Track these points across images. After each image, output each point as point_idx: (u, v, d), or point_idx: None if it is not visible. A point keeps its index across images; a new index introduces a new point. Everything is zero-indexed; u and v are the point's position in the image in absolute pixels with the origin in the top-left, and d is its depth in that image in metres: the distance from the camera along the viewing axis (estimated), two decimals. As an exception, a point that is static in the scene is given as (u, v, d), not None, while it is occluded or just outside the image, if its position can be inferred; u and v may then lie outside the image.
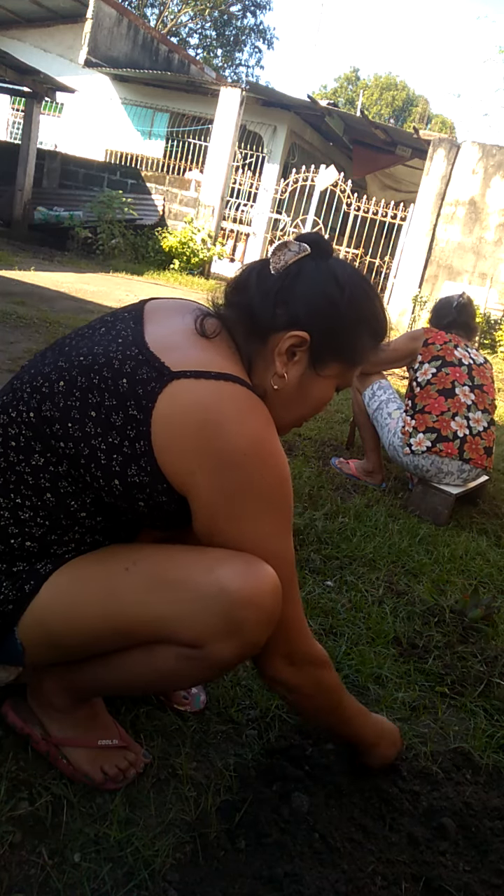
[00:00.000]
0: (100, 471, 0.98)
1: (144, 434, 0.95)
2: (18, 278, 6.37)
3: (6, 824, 1.01)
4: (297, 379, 1.06)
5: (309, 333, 1.03)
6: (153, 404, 0.94)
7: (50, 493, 1.01)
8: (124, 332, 1.03)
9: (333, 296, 1.04)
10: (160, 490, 0.98)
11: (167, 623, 0.98)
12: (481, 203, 9.79)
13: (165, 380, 0.95)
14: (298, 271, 1.04)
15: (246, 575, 0.96)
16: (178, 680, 1.06)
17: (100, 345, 1.02)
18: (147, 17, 26.31)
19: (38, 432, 1.00)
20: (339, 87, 40.03)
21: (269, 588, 0.97)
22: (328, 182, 10.31)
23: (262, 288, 1.04)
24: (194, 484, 0.96)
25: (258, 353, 1.05)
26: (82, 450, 0.98)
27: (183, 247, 9.91)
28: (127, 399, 0.95)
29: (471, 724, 1.50)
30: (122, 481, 0.98)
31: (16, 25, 12.66)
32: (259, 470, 0.96)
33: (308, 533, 2.24)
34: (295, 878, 1.02)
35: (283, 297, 1.03)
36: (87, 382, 0.98)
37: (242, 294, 1.06)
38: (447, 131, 31.71)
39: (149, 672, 1.04)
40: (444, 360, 2.78)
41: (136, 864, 1.00)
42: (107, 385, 0.97)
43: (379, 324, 1.10)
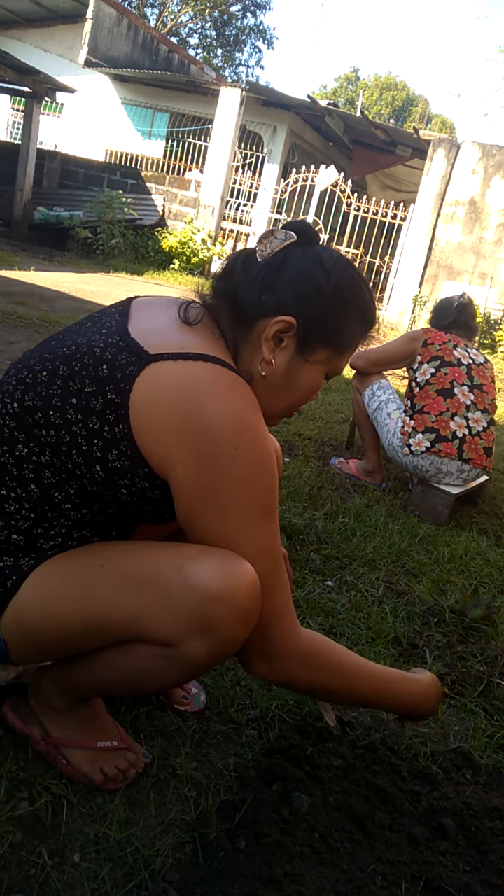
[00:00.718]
0: (81, 457, 0.98)
1: (123, 417, 0.95)
2: (18, 278, 6.37)
3: (6, 824, 1.01)
4: (284, 365, 1.06)
5: (295, 318, 1.03)
6: (131, 387, 0.94)
7: (34, 484, 1.01)
8: (109, 323, 1.03)
9: (319, 281, 1.04)
10: (141, 475, 0.98)
11: (139, 621, 0.96)
12: (481, 203, 9.79)
13: (143, 363, 0.95)
14: (284, 258, 1.04)
15: (219, 571, 0.93)
16: (156, 680, 1.03)
17: (84, 336, 1.02)
18: (147, 17, 26.32)
19: (21, 422, 1.00)
20: (339, 87, 40.03)
21: (245, 585, 0.94)
22: (328, 182, 10.31)
23: (248, 275, 1.04)
24: (173, 465, 0.94)
25: (245, 339, 1.05)
26: (63, 437, 0.98)
27: (183, 247, 9.91)
28: (106, 384, 0.95)
29: (471, 724, 1.50)
30: (104, 467, 0.98)
31: (16, 25, 12.67)
32: (238, 447, 0.93)
33: (308, 533, 2.24)
34: (295, 878, 1.02)
35: (269, 284, 1.03)
36: (68, 370, 0.98)
37: (228, 281, 1.07)
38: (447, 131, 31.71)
39: (127, 672, 1.02)
40: (442, 360, 2.78)
41: (136, 864, 1.00)
42: (87, 372, 0.97)
43: (367, 308, 1.10)
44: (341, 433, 3.62)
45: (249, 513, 0.97)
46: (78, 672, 1.08)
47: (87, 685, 1.09)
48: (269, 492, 0.99)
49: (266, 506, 0.99)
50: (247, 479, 0.95)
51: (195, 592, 0.93)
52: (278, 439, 3.29)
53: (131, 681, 1.04)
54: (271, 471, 0.98)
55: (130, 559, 1.00)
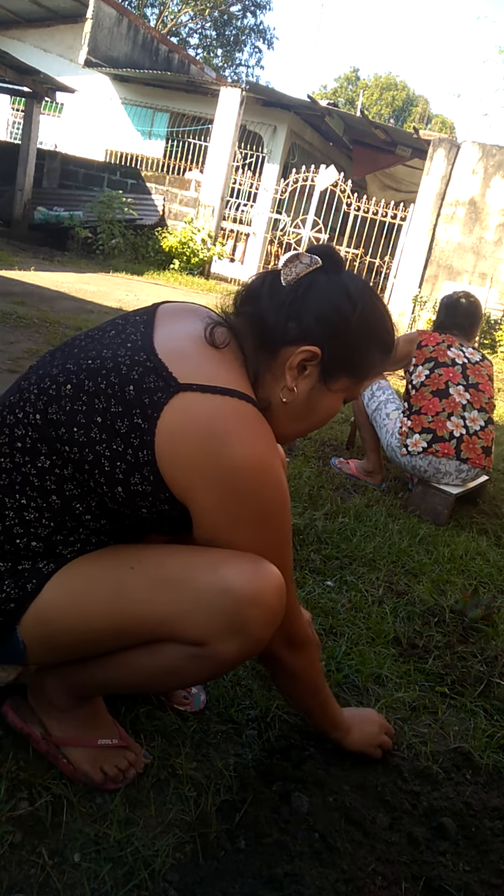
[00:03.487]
0: (103, 477, 0.98)
1: (148, 444, 0.95)
2: (18, 278, 6.37)
3: (6, 824, 1.01)
4: (306, 393, 1.07)
5: (320, 348, 1.03)
6: (158, 414, 0.94)
7: (55, 496, 1.02)
8: (134, 335, 1.03)
9: (345, 311, 1.04)
10: (162, 499, 0.99)
11: (172, 622, 0.98)
12: (481, 203, 9.79)
13: (172, 391, 0.95)
14: (310, 284, 1.04)
15: (251, 574, 0.97)
16: (181, 678, 1.06)
17: (109, 348, 1.02)
18: (147, 17, 26.31)
19: (43, 435, 1.00)
20: (339, 87, 40.02)
21: (274, 587, 0.98)
22: (328, 182, 10.31)
23: (274, 300, 1.05)
24: (195, 497, 0.97)
25: (268, 366, 1.05)
26: (87, 455, 0.98)
27: (183, 247, 9.91)
28: (133, 407, 0.96)
29: (471, 724, 1.50)
30: (125, 489, 0.99)
31: (16, 25, 12.66)
32: (260, 489, 0.97)
33: (308, 533, 2.24)
34: (295, 878, 1.02)
35: (295, 311, 1.03)
36: (94, 387, 0.98)
37: (254, 305, 1.07)
38: (447, 131, 31.71)
39: (152, 670, 1.04)
40: (436, 361, 2.78)
41: (136, 864, 1.00)
42: (113, 391, 0.97)
43: (389, 338, 1.11)
44: (341, 433, 3.62)
45: (267, 543, 1.02)
46: (90, 671, 1.08)
47: (98, 683, 1.10)
48: (286, 525, 1.05)
49: (284, 536, 1.06)
50: (266, 514, 1.00)
51: (229, 594, 0.96)
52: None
53: (155, 679, 1.06)
54: (287, 510, 1.04)
55: (163, 562, 1.01)
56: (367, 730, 1.29)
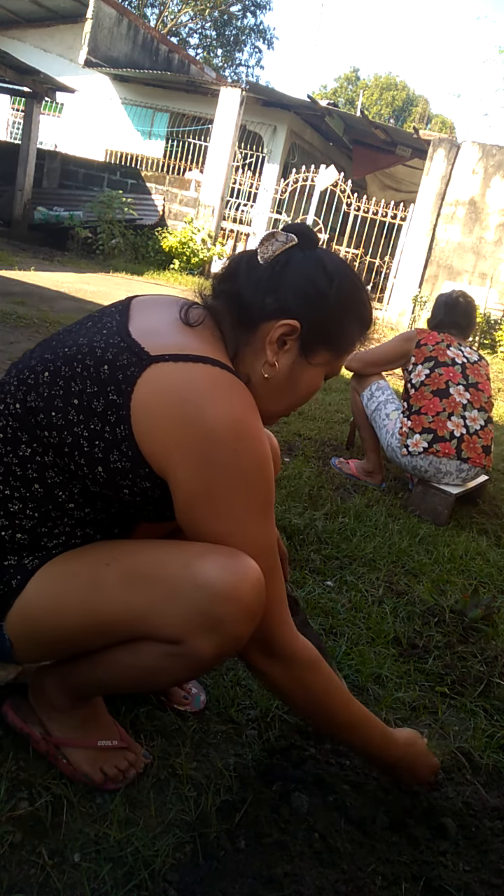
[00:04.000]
0: (83, 458, 0.98)
1: (124, 418, 0.95)
2: (18, 278, 6.37)
3: (6, 824, 1.01)
4: (287, 367, 1.07)
5: (299, 322, 1.04)
6: (132, 388, 0.94)
7: (38, 484, 1.02)
8: (109, 323, 1.04)
9: (322, 284, 1.05)
10: (142, 475, 0.98)
11: (146, 619, 0.97)
12: (481, 203, 9.79)
13: (144, 364, 0.95)
14: (287, 261, 1.05)
15: (226, 569, 0.94)
16: (163, 677, 1.04)
17: (85, 336, 1.02)
18: (147, 17, 26.31)
19: (23, 423, 1.00)
20: (339, 87, 40.02)
21: (250, 582, 0.95)
22: (328, 182, 10.31)
23: (251, 277, 1.05)
24: (173, 466, 0.95)
25: (247, 342, 1.05)
26: (65, 438, 0.98)
27: (183, 247, 9.91)
28: (107, 385, 0.96)
29: (471, 724, 1.50)
30: (105, 468, 0.98)
31: (16, 25, 12.66)
32: (237, 450, 0.94)
33: (308, 533, 2.24)
34: (295, 878, 1.02)
35: (272, 286, 1.04)
36: (70, 371, 0.99)
37: (231, 283, 1.07)
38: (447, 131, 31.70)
39: (134, 669, 1.03)
40: (436, 360, 2.78)
41: (136, 864, 1.00)
42: (89, 373, 0.97)
43: (366, 311, 1.12)
44: (341, 433, 3.62)
45: (248, 513, 0.98)
46: (82, 670, 1.08)
47: (91, 683, 1.10)
48: (267, 492, 1.00)
49: (264, 505, 1.00)
50: (246, 481, 0.96)
51: (202, 590, 0.93)
52: (278, 439, 3.29)
53: (137, 678, 1.05)
54: (269, 471, 0.99)
55: (137, 557, 1.00)
56: (419, 764, 1.20)
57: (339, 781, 1.23)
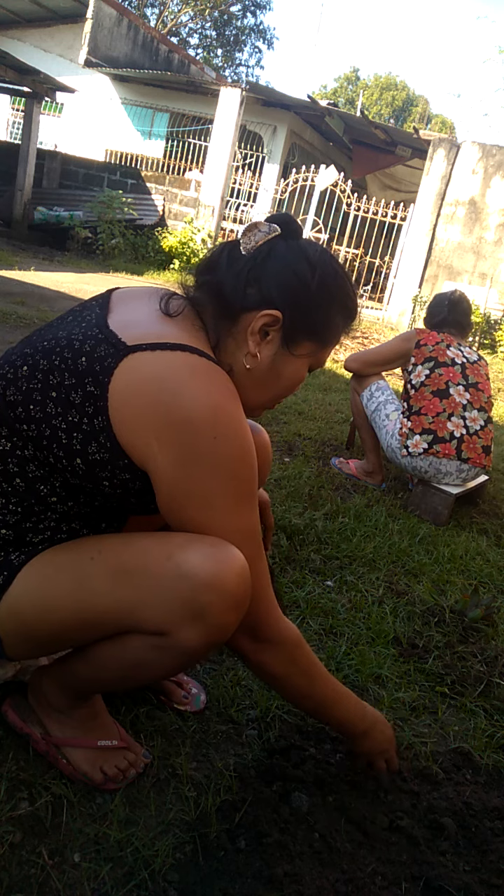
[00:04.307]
0: (61, 450, 0.98)
1: (102, 409, 0.95)
2: (18, 278, 6.38)
3: (6, 824, 1.01)
4: (269, 358, 1.06)
5: (281, 312, 1.03)
6: (109, 379, 0.94)
7: (19, 479, 1.02)
8: (89, 316, 1.03)
9: (305, 275, 1.04)
10: (121, 466, 0.98)
11: (132, 612, 0.96)
12: (481, 203, 9.79)
13: (121, 354, 0.95)
14: (269, 251, 1.04)
15: (208, 558, 0.94)
16: (152, 670, 1.03)
17: (64, 329, 1.02)
18: (147, 17, 26.31)
19: (3, 417, 1.00)
20: (339, 87, 40.02)
21: (234, 571, 0.94)
22: (328, 182, 10.31)
23: (233, 268, 1.04)
24: (152, 456, 0.94)
25: (229, 332, 1.04)
26: (44, 430, 0.98)
27: (183, 247, 9.91)
28: (85, 376, 0.95)
29: (471, 724, 1.50)
30: (84, 460, 0.98)
31: (16, 25, 12.67)
32: (217, 437, 0.93)
33: (308, 533, 2.24)
34: (295, 878, 1.02)
35: (254, 276, 1.03)
36: (48, 364, 0.98)
37: (212, 274, 1.06)
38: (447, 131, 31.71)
39: (122, 663, 1.03)
40: (436, 360, 2.77)
41: (136, 864, 1.00)
42: (66, 365, 0.97)
43: (350, 302, 1.11)
44: (341, 433, 3.62)
45: (230, 500, 0.98)
46: (76, 668, 1.08)
47: (85, 681, 1.09)
48: (249, 479, 0.99)
49: (247, 493, 0.99)
50: (227, 468, 0.96)
51: (186, 580, 0.93)
52: (278, 439, 3.29)
53: (127, 673, 1.04)
54: (251, 458, 0.99)
55: (121, 550, 1.00)
56: (381, 735, 1.23)
57: (339, 781, 1.23)
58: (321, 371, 5.36)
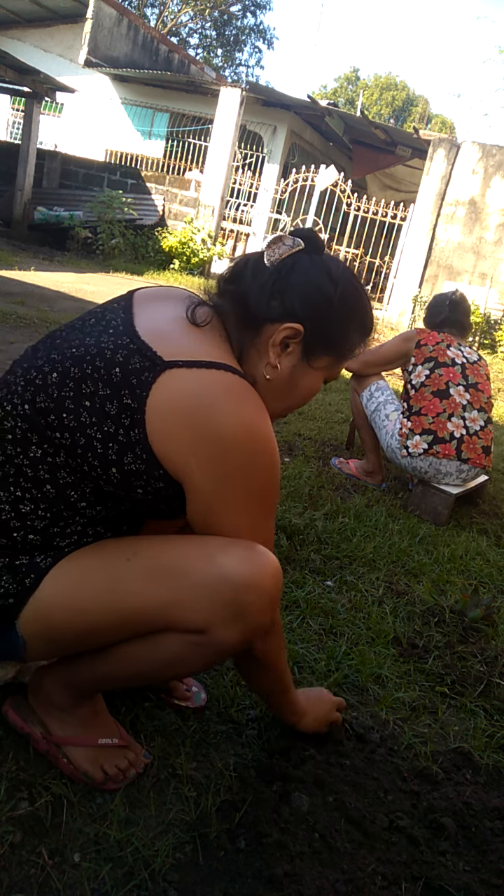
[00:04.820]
0: (97, 460, 0.99)
1: (139, 422, 0.96)
2: (18, 278, 6.38)
3: (6, 824, 1.01)
4: (289, 370, 1.09)
5: (303, 325, 1.05)
6: (147, 393, 0.96)
7: (49, 485, 1.02)
8: (114, 321, 1.04)
9: (327, 290, 1.07)
10: (157, 476, 1.00)
11: (171, 611, 0.99)
12: (481, 203, 9.79)
13: (159, 369, 0.96)
14: (293, 265, 1.06)
15: (248, 561, 0.99)
16: (183, 666, 1.07)
17: (91, 335, 1.03)
18: (147, 17, 26.31)
19: (33, 424, 1.00)
20: (339, 87, 40.02)
21: (271, 572, 1.00)
22: (328, 182, 10.31)
23: (257, 279, 1.06)
24: (189, 470, 0.98)
25: (251, 343, 1.07)
26: (78, 439, 0.99)
27: (183, 247, 9.91)
28: (121, 388, 0.97)
29: (471, 724, 1.50)
30: (119, 469, 0.99)
31: (16, 25, 12.67)
32: (252, 456, 0.99)
33: (308, 533, 2.24)
34: (295, 878, 1.02)
35: (278, 289, 1.05)
36: (79, 373, 0.99)
37: (237, 284, 1.08)
38: (447, 131, 31.71)
39: (154, 661, 1.04)
40: (436, 361, 2.77)
41: (136, 864, 1.00)
42: (100, 375, 0.98)
43: (367, 319, 1.14)
44: (341, 433, 3.62)
45: (260, 512, 1.04)
46: (87, 667, 1.09)
47: (97, 679, 1.10)
48: (276, 493, 1.06)
49: (272, 505, 1.08)
50: (259, 482, 1.01)
51: (228, 581, 0.97)
52: (279, 439, 3.29)
53: (156, 670, 1.07)
54: (278, 473, 1.05)
55: (159, 552, 1.03)
56: (319, 711, 1.30)
57: (339, 781, 1.23)
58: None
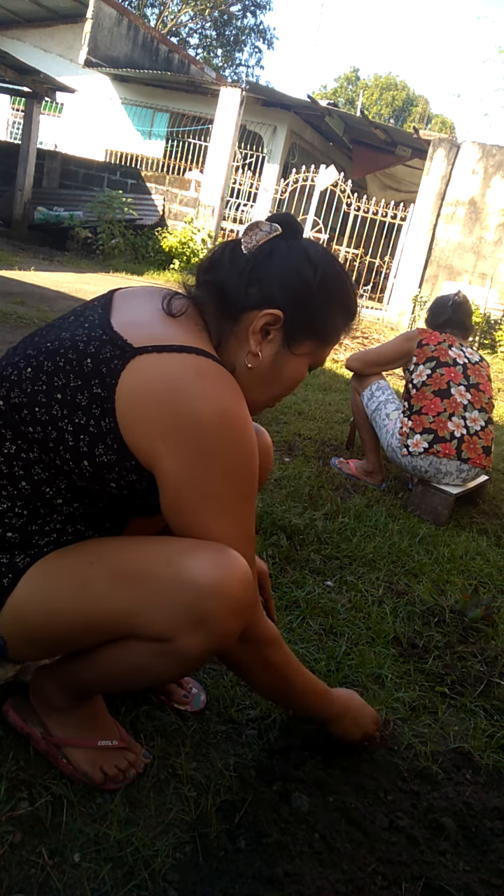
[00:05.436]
0: (68, 452, 0.98)
1: (109, 411, 0.95)
2: (18, 278, 6.38)
3: (6, 824, 1.01)
4: (270, 357, 1.06)
5: (283, 311, 1.03)
6: (116, 381, 0.94)
7: (24, 482, 1.01)
8: (91, 317, 1.03)
9: (306, 274, 1.04)
10: (128, 468, 0.98)
11: (133, 618, 0.96)
12: (481, 203, 9.79)
13: (128, 356, 0.95)
14: (271, 250, 1.04)
15: (212, 564, 0.94)
16: (153, 675, 1.03)
17: (67, 331, 1.02)
18: (147, 17, 26.31)
19: (7, 420, 1.00)
20: (339, 87, 40.03)
21: (237, 577, 0.94)
22: (328, 182, 10.31)
23: (234, 267, 1.04)
24: (160, 457, 0.95)
25: (230, 331, 1.05)
26: (50, 433, 0.98)
27: (183, 247, 9.91)
28: (91, 378, 0.95)
29: (471, 724, 1.50)
30: (91, 462, 0.98)
31: (16, 25, 12.67)
32: (225, 439, 0.94)
33: (308, 533, 2.24)
34: (295, 878, 1.02)
35: (256, 276, 1.03)
36: (52, 366, 0.98)
37: (214, 273, 1.07)
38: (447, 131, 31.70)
39: (123, 667, 1.02)
40: (438, 360, 2.77)
41: (136, 864, 1.00)
42: (72, 366, 0.97)
43: (350, 302, 1.11)
44: (341, 433, 3.62)
45: (234, 501, 0.98)
46: (77, 669, 1.08)
47: (86, 682, 1.09)
48: (252, 481, 1.00)
49: (249, 494, 1.01)
50: (233, 470, 0.96)
51: (188, 587, 0.93)
52: (279, 439, 3.29)
53: (128, 677, 1.04)
54: (255, 460, 0.99)
55: (122, 555, 1.00)
56: (360, 717, 1.26)
57: (339, 781, 1.23)
58: (321, 371, 5.36)
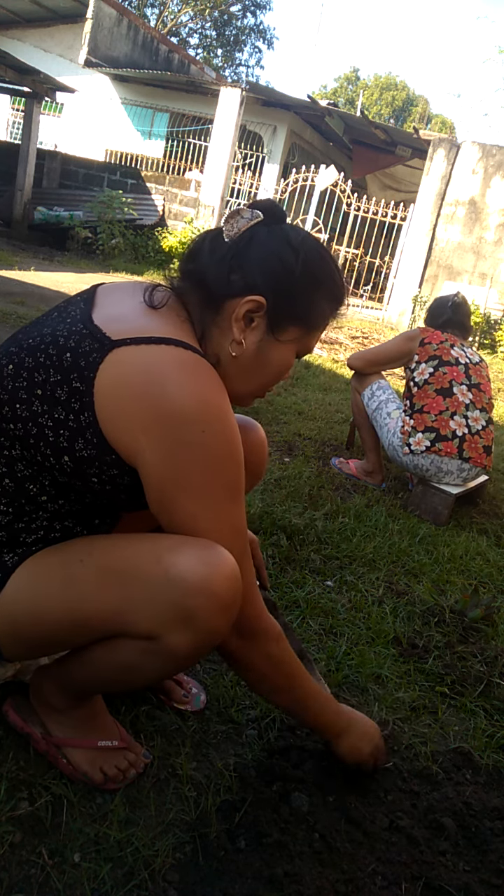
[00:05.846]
0: (49, 448, 0.97)
1: (88, 405, 0.94)
2: (18, 278, 6.38)
3: (6, 824, 1.01)
4: (255, 345, 1.05)
5: (265, 298, 1.02)
6: (94, 374, 0.93)
7: (8, 479, 1.01)
8: (74, 312, 1.03)
9: (288, 259, 1.03)
10: (109, 462, 0.97)
11: (120, 615, 0.96)
12: (481, 203, 9.79)
13: (106, 349, 0.94)
14: (251, 237, 1.03)
15: (198, 562, 0.93)
16: (143, 674, 1.02)
17: (49, 326, 1.01)
18: (147, 17, 26.31)
19: None
20: (339, 87, 40.03)
21: (225, 574, 0.93)
22: (328, 182, 10.30)
23: (215, 255, 1.03)
24: (140, 451, 0.93)
25: (213, 321, 1.03)
26: (30, 429, 0.97)
27: (183, 247, 9.90)
28: (70, 372, 0.95)
29: (471, 724, 1.50)
30: (71, 457, 0.97)
31: (16, 25, 12.67)
32: (205, 431, 0.93)
33: (308, 533, 2.24)
34: (295, 878, 1.02)
35: (237, 263, 1.02)
36: (33, 362, 0.98)
37: (195, 262, 1.05)
38: (447, 131, 31.71)
39: (115, 667, 1.02)
40: (440, 359, 2.78)
41: (136, 864, 1.00)
42: (52, 362, 0.96)
43: (336, 286, 1.09)
44: (341, 433, 3.62)
45: (219, 494, 0.97)
46: (72, 669, 1.08)
47: (81, 682, 1.09)
48: (237, 473, 0.98)
49: (235, 487, 0.99)
50: (215, 461, 0.95)
51: (174, 584, 0.92)
52: (278, 439, 3.29)
53: (119, 676, 1.04)
54: (238, 452, 0.98)
55: (110, 553, 0.99)
56: (358, 747, 1.21)
57: (339, 781, 1.23)
58: (321, 371, 5.36)
